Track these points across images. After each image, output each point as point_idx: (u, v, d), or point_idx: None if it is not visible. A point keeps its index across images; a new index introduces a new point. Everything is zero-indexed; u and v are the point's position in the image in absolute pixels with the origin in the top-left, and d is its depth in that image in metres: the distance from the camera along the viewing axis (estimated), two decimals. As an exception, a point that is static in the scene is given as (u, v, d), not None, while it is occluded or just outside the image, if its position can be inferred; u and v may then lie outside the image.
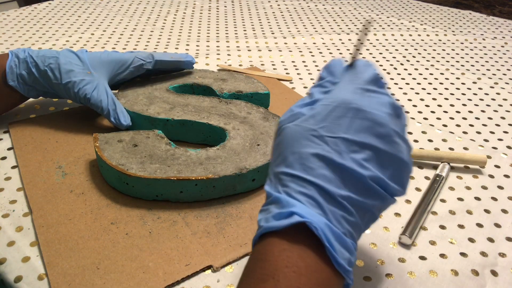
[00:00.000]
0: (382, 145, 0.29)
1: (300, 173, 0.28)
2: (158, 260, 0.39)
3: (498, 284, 0.39)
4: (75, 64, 0.54)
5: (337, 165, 0.28)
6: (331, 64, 0.34)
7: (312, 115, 0.30)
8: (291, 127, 0.30)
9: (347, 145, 0.28)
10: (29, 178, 0.48)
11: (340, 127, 0.29)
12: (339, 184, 0.28)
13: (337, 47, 0.88)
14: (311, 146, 0.29)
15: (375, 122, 0.29)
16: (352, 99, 0.29)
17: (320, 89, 0.32)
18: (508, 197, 0.49)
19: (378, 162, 0.29)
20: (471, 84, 0.76)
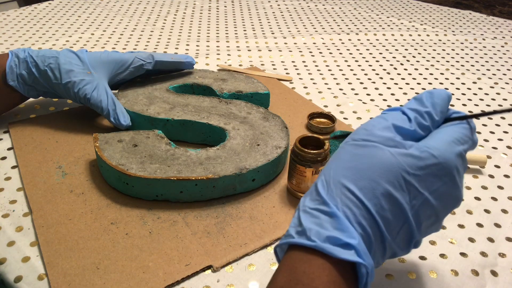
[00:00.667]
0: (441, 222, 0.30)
1: (370, 205, 0.27)
2: (158, 260, 0.39)
3: (498, 284, 0.39)
4: (75, 64, 0.54)
5: (405, 218, 0.28)
6: (437, 94, 0.31)
7: (413, 155, 0.28)
8: (385, 152, 0.28)
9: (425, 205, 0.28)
10: (29, 178, 0.48)
11: (430, 186, 0.28)
12: (394, 233, 0.28)
13: (337, 47, 0.88)
14: (395, 186, 0.27)
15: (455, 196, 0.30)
16: (454, 166, 0.29)
17: (418, 117, 0.30)
18: (508, 197, 0.49)
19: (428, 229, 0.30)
20: (471, 84, 0.76)
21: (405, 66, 0.81)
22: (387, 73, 0.78)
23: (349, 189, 0.27)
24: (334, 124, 0.59)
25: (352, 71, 0.78)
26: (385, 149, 0.28)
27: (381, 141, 0.28)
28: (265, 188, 0.48)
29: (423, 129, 0.30)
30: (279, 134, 0.51)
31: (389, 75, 0.77)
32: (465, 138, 0.30)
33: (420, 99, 0.31)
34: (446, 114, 0.32)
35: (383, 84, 0.74)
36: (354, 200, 0.27)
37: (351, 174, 0.28)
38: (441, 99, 0.31)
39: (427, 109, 0.31)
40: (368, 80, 0.75)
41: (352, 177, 0.28)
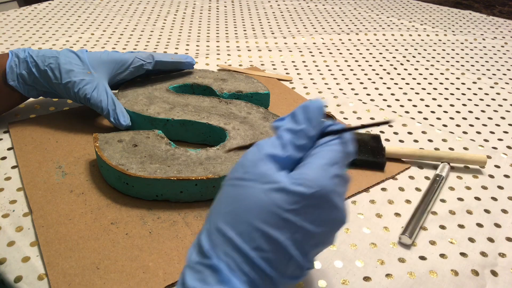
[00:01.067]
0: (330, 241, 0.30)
1: (249, 251, 0.26)
2: (158, 260, 0.39)
3: (498, 284, 0.39)
4: (75, 64, 0.54)
5: (289, 254, 0.27)
6: (310, 109, 0.30)
7: (285, 189, 0.27)
8: (258, 190, 0.27)
9: (307, 236, 0.27)
10: (29, 178, 0.48)
11: (309, 216, 0.27)
12: (281, 270, 0.27)
13: (337, 47, 0.88)
14: (272, 226, 0.26)
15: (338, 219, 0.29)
16: (331, 191, 0.27)
17: (294, 138, 0.29)
18: (508, 197, 0.49)
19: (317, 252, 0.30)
20: (471, 84, 0.76)
21: (405, 66, 0.81)
22: (387, 73, 0.78)
23: (228, 236, 0.26)
24: (334, 124, 0.58)
25: (352, 71, 0.78)
26: (259, 187, 0.27)
27: (255, 177, 0.27)
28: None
29: (300, 149, 0.29)
30: (279, 134, 0.51)
31: (389, 75, 0.77)
32: (340, 155, 0.29)
33: (294, 115, 0.30)
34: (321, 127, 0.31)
35: (383, 84, 0.74)
36: (234, 247, 0.26)
37: (230, 219, 0.27)
38: (314, 113, 0.30)
39: (301, 126, 0.29)
40: (368, 80, 0.75)
41: (231, 222, 0.27)
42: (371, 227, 0.44)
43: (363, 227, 0.44)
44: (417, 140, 0.59)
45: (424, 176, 0.52)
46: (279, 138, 0.29)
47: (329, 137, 0.30)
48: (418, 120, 0.63)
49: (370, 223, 0.45)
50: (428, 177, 0.52)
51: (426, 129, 0.61)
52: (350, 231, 0.44)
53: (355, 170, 0.51)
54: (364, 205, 0.47)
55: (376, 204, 0.47)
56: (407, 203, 0.48)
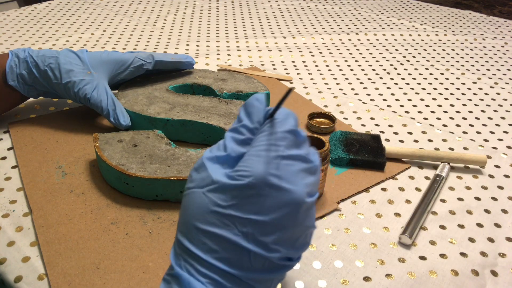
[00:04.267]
0: (294, 222, 0.27)
1: (202, 254, 0.26)
2: (158, 260, 0.39)
3: (498, 284, 0.39)
4: (75, 64, 0.54)
5: (244, 249, 0.26)
6: (250, 104, 0.30)
7: (223, 186, 0.27)
8: (199, 194, 0.27)
9: (257, 227, 0.26)
10: (29, 178, 0.48)
11: (252, 207, 0.26)
12: (244, 266, 0.27)
13: (337, 47, 0.88)
14: (217, 225, 0.26)
15: (289, 200, 0.27)
16: (268, 174, 0.26)
17: (236, 135, 0.29)
18: (508, 197, 0.49)
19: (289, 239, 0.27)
20: (471, 84, 0.76)
21: (405, 66, 0.81)
22: (387, 73, 0.78)
23: (183, 245, 0.27)
24: (334, 124, 0.59)
25: (352, 71, 0.78)
26: (199, 191, 0.27)
27: (197, 183, 0.28)
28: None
29: (242, 144, 0.29)
30: (279, 134, 0.51)
31: (389, 75, 0.77)
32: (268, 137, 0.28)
33: (238, 116, 0.30)
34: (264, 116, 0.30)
35: (383, 84, 0.74)
36: (190, 254, 0.27)
37: (182, 228, 0.28)
38: (252, 106, 0.30)
39: (242, 122, 0.29)
40: (368, 80, 0.75)
41: (183, 231, 0.28)
42: (371, 227, 0.44)
43: (363, 227, 0.44)
44: (417, 140, 0.59)
45: (424, 176, 0.52)
46: (223, 140, 0.30)
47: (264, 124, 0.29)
48: (418, 120, 0.63)
49: (370, 223, 0.45)
50: (428, 177, 0.52)
51: (426, 129, 0.61)
52: (350, 231, 0.44)
53: (355, 170, 0.51)
54: (364, 205, 0.47)
55: (376, 204, 0.47)
56: (407, 203, 0.48)
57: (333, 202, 0.47)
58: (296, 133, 0.29)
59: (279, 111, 0.29)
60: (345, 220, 0.45)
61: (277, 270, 0.28)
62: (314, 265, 0.40)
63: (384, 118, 0.63)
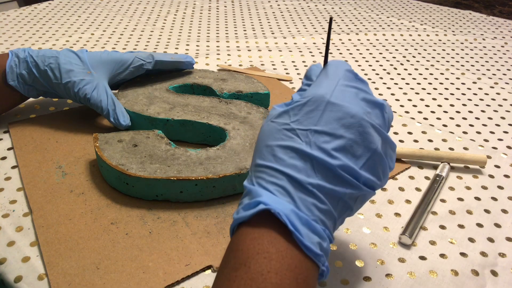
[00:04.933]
0: (353, 135, 0.30)
1: (271, 163, 0.29)
2: (158, 260, 0.39)
3: (498, 284, 0.39)
4: (75, 64, 0.54)
5: (306, 155, 0.29)
6: (309, 69, 0.35)
7: (286, 110, 0.31)
8: (267, 124, 0.32)
9: (317, 136, 0.29)
10: (29, 178, 0.48)
11: (311, 120, 0.30)
12: (309, 173, 0.29)
13: (337, 47, 0.88)
14: (282, 139, 0.30)
15: (345, 113, 0.30)
16: (324, 93, 0.30)
17: (299, 92, 0.33)
18: (508, 197, 0.49)
19: (349, 152, 0.30)
20: (471, 84, 0.76)
21: (405, 66, 0.81)
22: (387, 73, 0.78)
23: (256, 164, 0.30)
24: (334, 124, 0.58)
25: (352, 71, 0.78)
26: (267, 122, 0.32)
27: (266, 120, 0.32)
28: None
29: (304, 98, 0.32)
30: (279, 134, 0.51)
31: (389, 75, 0.77)
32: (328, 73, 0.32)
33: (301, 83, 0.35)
34: None
35: (383, 84, 0.74)
36: (260, 169, 0.30)
37: (255, 154, 0.31)
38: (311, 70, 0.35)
39: (306, 82, 0.34)
40: (368, 80, 0.75)
41: (255, 156, 0.31)
42: (371, 227, 0.44)
43: (363, 227, 0.44)
44: (417, 140, 0.59)
45: (424, 176, 0.52)
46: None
47: None
48: (418, 120, 0.63)
49: (370, 223, 0.45)
50: (428, 177, 0.52)
51: (426, 129, 0.61)
52: (350, 231, 0.44)
53: (355, 170, 0.51)
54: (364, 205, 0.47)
55: (376, 204, 0.47)
56: (407, 203, 0.48)
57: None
58: (354, 73, 0.33)
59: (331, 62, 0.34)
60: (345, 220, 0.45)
61: (342, 184, 0.29)
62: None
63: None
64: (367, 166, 0.30)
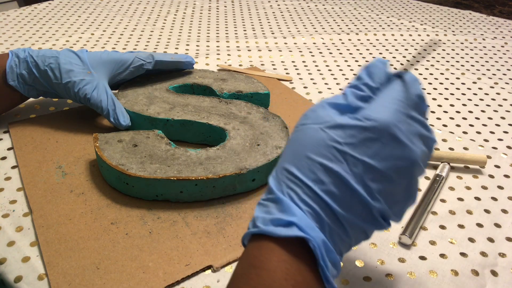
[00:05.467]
0: (403, 181, 0.28)
1: (309, 182, 0.27)
2: (158, 260, 0.39)
3: (498, 284, 0.39)
4: (75, 64, 0.54)
5: (349, 187, 0.27)
6: (372, 65, 0.31)
7: (341, 125, 0.28)
8: (315, 129, 0.28)
9: (368, 170, 0.27)
10: (29, 178, 0.48)
11: (368, 150, 0.27)
12: (345, 206, 0.27)
13: (337, 47, 0.88)
14: (329, 158, 0.27)
15: (405, 156, 0.28)
16: (391, 124, 0.27)
17: (356, 91, 0.30)
18: (508, 197, 0.49)
19: (392, 197, 0.28)
20: (471, 84, 0.76)
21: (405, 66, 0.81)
22: (387, 73, 0.78)
23: (290, 172, 0.28)
24: (334, 124, 0.58)
25: (352, 71, 0.78)
26: (316, 126, 0.29)
27: (314, 120, 0.29)
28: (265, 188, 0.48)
29: (363, 100, 0.30)
30: (279, 134, 0.51)
31: (389, 75, 0.77)
32: (402, 94, 0.29)
33: (357, 75, 0.31)
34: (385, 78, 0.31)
35: (383, 84, 0.74)
36: (295, 181, 0.28)
37: (291, 158, 0.29)
38: (375, 67, 0.31)
39: (363, 80, 0.30)
40: (368, 80, 0.75)
41: (291, 160, 0.29)
42: (371, 227, 0.44)
43: (363, 227, 0.44)
44: (417, 140, 0.59)
45: (424, 176, 0.52)
46: (343, 93, 0.31)
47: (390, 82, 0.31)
48: (418, 120, 0.63)
49: (370, 223, 0.45)
50: (428, 177, 0.52)
51: (426, 129, 0.61)
52: (350, 231, 0.44)
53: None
54: (364, 205, 0.47)
55: (376, 204, 0.47)
56: (407, 203, 0.48)
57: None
58: (422, 100, 0.30)
59: (407, 74, 0.31)
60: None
61: (371, 222, 0.28)
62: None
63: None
64: (399, 209, 0.30)
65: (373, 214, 0.28)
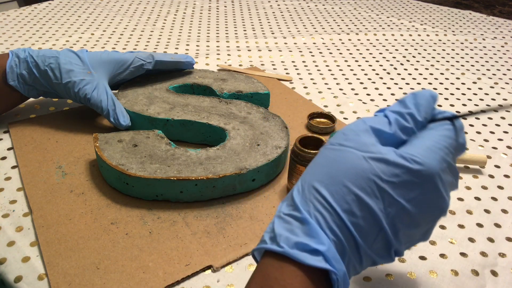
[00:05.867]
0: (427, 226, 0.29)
1: (340, 211, 0.26)
2: (158, 260, 0.39)
3: (498, 284, 0.39)
4: (75, 64, 0.54)
5: (379, 226, 0.27)
6: (422, 96, 0.30)
7: (387, 160, 0.27)
8: (358, 156, 0.27)
9: (401, 212, 0.27)
10: (29, 178, 0.48)
11: (407, 193, 0.27)
12: (369, 241, 0.27)
13: (337, 47, 0.88)
14: (367, 192, 0.26)
15: (439, 207, 0.28)
16: (436, 174, 0.27)
17: (401, 120, 0.29)
18: (508, 197, 0.49)
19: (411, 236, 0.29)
20: (471, 84, 0.76)
21: (405, 66, 0.81)
22: (387, 73, 0.78)
23: (321, 194, 0.27)
24: (334, 124, 0.59)
25: (352, 71, 0.78)
26: (359, 153, 0.27)
27: (357, 145, 0.28)
28: (265, 188, 0.48)
29: (405, 132, 0.29)
30: (279, 134, 0.51)
31: (389, 75, 0.77)
32: (450, 141, 0.28)
33: (403, 101, 0.30)
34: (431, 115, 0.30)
35: (383, 84, 0.74)
36: (326, 206, 0.26)
37: (324, 179, 0.27)
38: (424, 100, 0.30)
39: (409, 110, 0.29)
40: (368, 80, 0.75)
41: (325, 182, 0.27)
42: (371, 227, 0.44)
43: (363, 227, 0.44)
44: (417, 140, 0.59)
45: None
46: (386, 116, 0.29)
47: (440, 122, 0.30)
48: (418, 120, 0.63)
49: (370, 223, 0.45)
50: (428, 177, 0.52)
51: (426, 129, 0.61)
52: (350, 231, 0.44)
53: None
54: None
55: (376, 204, 0.47)
56: (407, 203, 0.48)
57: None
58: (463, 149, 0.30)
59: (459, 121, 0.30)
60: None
61: (383, 257, 0.28)
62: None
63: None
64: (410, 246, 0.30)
65: (391, 251, 0.28)
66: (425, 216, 0.28)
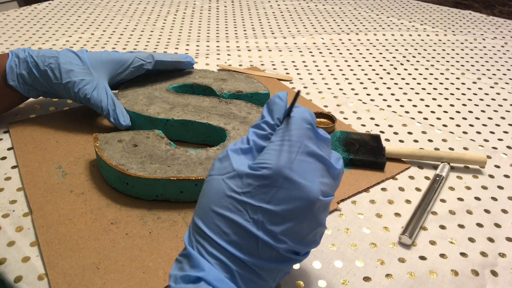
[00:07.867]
0: (304, 219, 0.28)
1: (214, 236, 0.28)
2: (158, 260, 0.39)
3: (498, 284, 0.39)
4: (75, 64, 0.54)
5: (252, 234, 0.28)
6: (272, 101, 0.32)
7: (239, 174, 0.28)
8: (217, 181, 0.29)
9: (268, 215, 0.28)
10: (29, 178, 0.48)
11: (264, 196, 0.28)
12: (251, 253, 0.28)
13: (337, 47, 0.88)
14: (230, 209, 0.28)
15: (301, 195, 0.28)
16: (283, 167, 0.28)
17: (258, 131, 0.31)
18: (508, 197, 0.49)
19: (297, 233, 0.29)
20: (471, 84, 0.76)
21: (405, 66, 0.81)
22: (387, 73, 0.78)
23: (198, 226, 0.29)
24: (334, 124, 0.59)
25: (352, 71, 0.78)
26: (219, 178, 0.29)
27: (218, 171, 0.30)
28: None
29: (265, 138, 0.31)
30: (279, 134, 0.51)
31: (389, 75, 0.77)
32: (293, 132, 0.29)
33: (262, 112, 0.32)
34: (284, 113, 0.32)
35: (383, 84, 0.74)
36: (202, 234, 0.28)
37: (198, 211, 0.30)
38: (274, 104, 0.32)
39: (264, 119, 0.31)
40: (368, 80, 0.75)
41: (199, 214, 0.29)
42: (371, 227, 0.44)
43: (363, 227, 0.44)
44: (417, 140, 0.59)
45: (424, 176, 0.52)
46: (247, 135, 0.32)
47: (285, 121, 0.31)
48: (418, 120, 0.63)
49: (370, 223, 0.45)
50: (428, 177, 0.52)
51: (426, 129, 0.61)
52: (350, 231, 0.44)
53: (355, 170, 0.51)
54: (364, 205, 0.47)
55: (376, 204, 0.47)
56: (407, 203, 0.48)
57: (333, 202, 0.47)
58: (314, 132, 0.30)
59: (296, 109, 0.31)
60: (345, 220, 0.45)
61: (283, 261, 0.29)
62: (314, 265, 0.40)
63: (384, 118, 0.63)
64: (310, 239, 0.30)
65: (282, 254, 0.28)
66: (293, 210, 0.28)
